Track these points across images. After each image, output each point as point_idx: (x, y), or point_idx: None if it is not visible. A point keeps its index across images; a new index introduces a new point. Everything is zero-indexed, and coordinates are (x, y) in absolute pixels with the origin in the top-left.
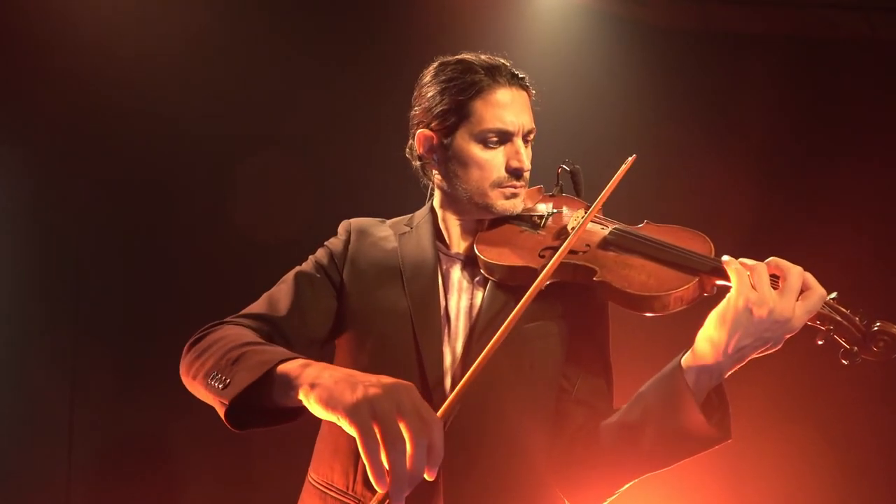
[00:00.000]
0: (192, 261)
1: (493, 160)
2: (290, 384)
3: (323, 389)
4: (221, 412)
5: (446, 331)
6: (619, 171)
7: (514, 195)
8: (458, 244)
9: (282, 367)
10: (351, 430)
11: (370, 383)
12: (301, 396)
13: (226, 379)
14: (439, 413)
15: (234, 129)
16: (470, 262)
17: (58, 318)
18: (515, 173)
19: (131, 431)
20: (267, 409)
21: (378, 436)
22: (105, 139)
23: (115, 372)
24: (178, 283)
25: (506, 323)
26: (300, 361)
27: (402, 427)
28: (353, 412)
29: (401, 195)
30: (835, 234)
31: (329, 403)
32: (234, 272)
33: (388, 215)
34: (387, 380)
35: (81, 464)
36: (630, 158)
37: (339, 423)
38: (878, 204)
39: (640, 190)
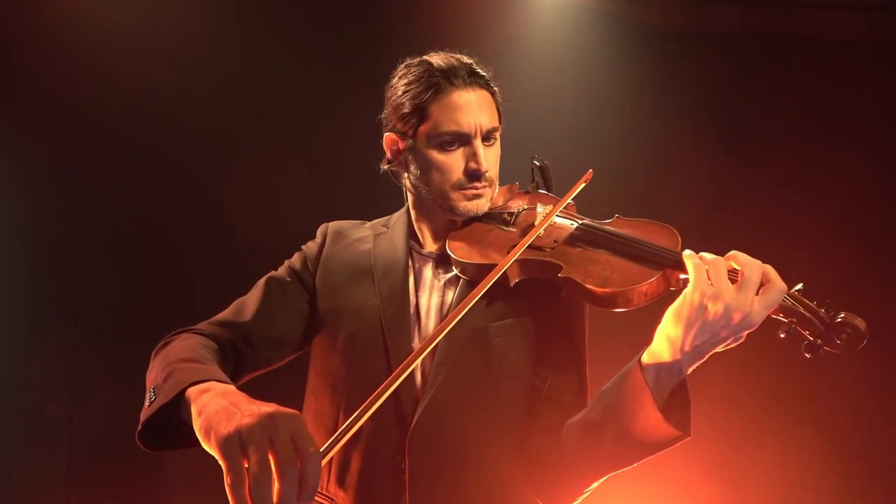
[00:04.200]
0: (192, 261)
1: (452, 163)
2: (189, 410)
3: (205, 419)
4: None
5: (416, 328)
6: (577, 183)
7: (477, 196)
8: (432, 243)
9: (189, 390)
10: (222, 465)
11: (248, 413)
12: (193, 425)
13: (153, 397)
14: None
15: (235, 130)
16: (443, 261)
17: (58, 318)
18: (474, 175)
19: (131, 432)
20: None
21: (244, 469)
22: (104, 140)
23: (115, 372)
24: (178, 284)
25: (453, 311)
26: (203, 386)
27: (272, 460)
28: (223, 445)
29: (397, 195)
30: (836, 235)
31: (206, 435)
32: (234, 273)
33: (382, 215)
34: (269, 409)
35: (81, 464)
36: (587, 173)
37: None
38: (880, 204)
39: (637, 188)
